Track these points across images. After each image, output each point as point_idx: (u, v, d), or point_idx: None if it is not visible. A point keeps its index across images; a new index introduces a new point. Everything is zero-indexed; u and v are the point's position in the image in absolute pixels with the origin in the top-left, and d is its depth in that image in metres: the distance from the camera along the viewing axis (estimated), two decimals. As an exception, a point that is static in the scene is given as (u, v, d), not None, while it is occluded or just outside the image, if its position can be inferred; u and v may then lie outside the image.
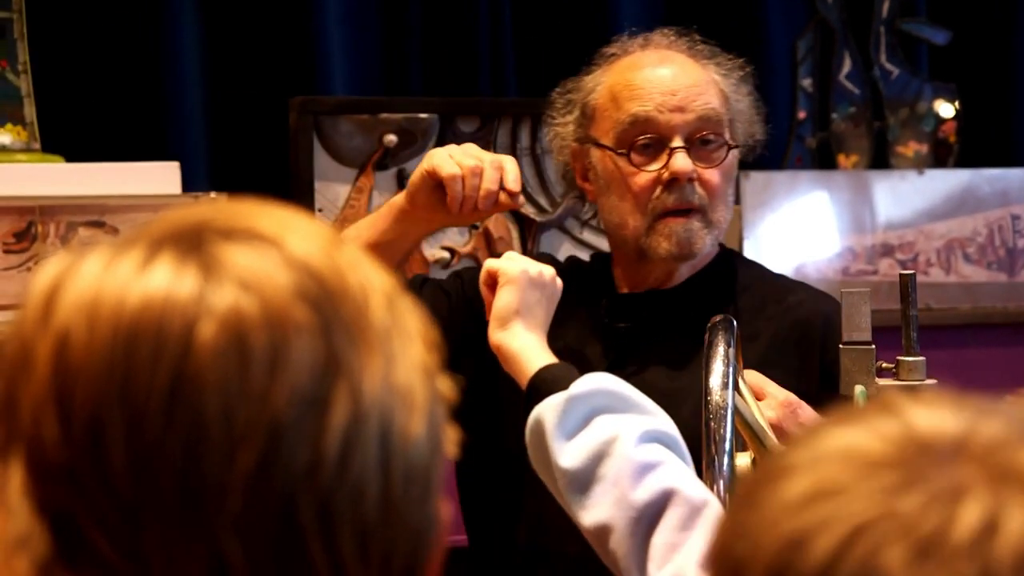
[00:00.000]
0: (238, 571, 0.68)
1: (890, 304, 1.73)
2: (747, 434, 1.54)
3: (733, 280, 1.93)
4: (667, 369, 1.82)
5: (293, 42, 2.96)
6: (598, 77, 1.92)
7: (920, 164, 3.29)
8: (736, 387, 1.48)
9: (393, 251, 1.85)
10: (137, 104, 2.87)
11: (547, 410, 1.35)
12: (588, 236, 2.89)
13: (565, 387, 1.36)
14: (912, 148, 3.32)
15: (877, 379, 1.58)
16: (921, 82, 3.35)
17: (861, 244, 3.11)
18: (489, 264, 1.61)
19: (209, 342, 0.68)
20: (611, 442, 1.29)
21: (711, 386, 1.45)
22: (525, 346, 1.48)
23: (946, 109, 3.34)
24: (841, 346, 1.58)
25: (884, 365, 1.59)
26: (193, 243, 0.71)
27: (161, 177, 2.63)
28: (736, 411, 1.46)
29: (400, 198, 1.86)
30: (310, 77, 2.95)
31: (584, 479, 1.29)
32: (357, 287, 0.71)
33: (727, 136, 1.87)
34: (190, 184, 2.71)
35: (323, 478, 0.68)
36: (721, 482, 1.39)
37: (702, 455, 1.41)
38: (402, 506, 0.70)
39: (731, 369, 1.47)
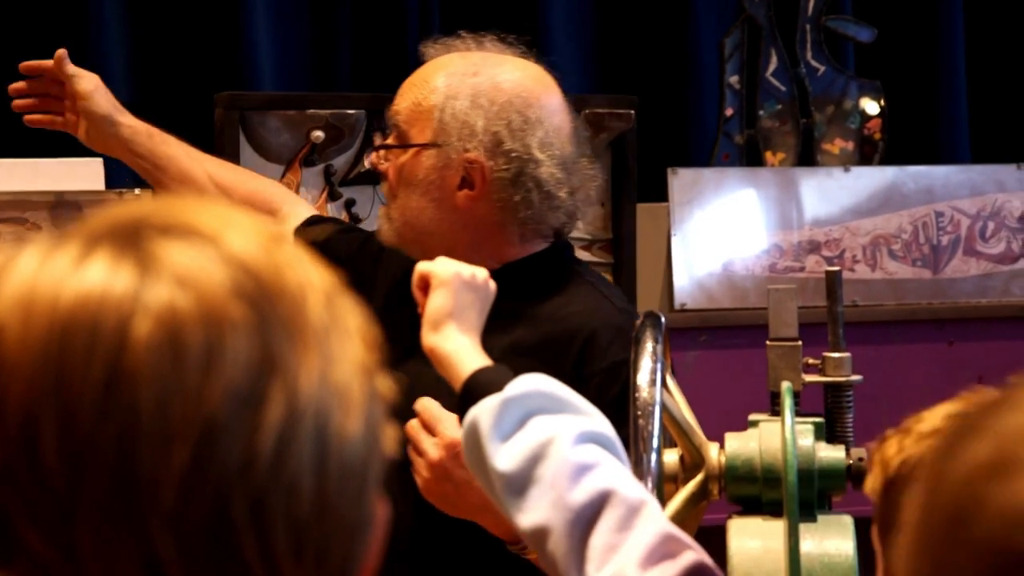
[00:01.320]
0: (171, 567, 0.68)
1: (816, 300, 1.75)
2: (675, 431, 1.55)
3: (528, 283, 1.88)
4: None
5: (219, 37, 2.94)
6: None
7: (846, 161, 3.32)
8: (664, 384, 1.48)
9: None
10: (61, 99, 2.83)
11: (482, 412, 1.35)
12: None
13: (500, 389, 1.36)
14: (838, 145, 3.35)
15: (803, 375, 1.59)
16: (847, 79, 3.38)
17: (788, 241, 3.13)
18: (421, 267, 1.61)
19: (144, 338, 0.68)
20: (547, 444, 1.29)
21: (638, 383, 1.45)
22: (459, 348, 1.47)
23: (872, 106, 3.37)
24: (768, 343, 1.58)
25: (810, 361, 1.60)
26: (130, 239, 0.71)
27: (84, 173, 2.60)
28: (664, 408, 1.46)
29: None
30: (236, 72, 2.93)
31: (521, 481, 1.29)
32: (295, 285, 0.71)
33: (405, 139, 1.89)
34: (114, 180, 2.69)
35: (257, 475, 0.68)
36: (649, 479, 1.39)
37: (628, 452, 1.42)
38: (337, 504, 0.70)
39: (658, 366, 1.47)
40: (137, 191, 2.63)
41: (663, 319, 1.55)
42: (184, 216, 0.72)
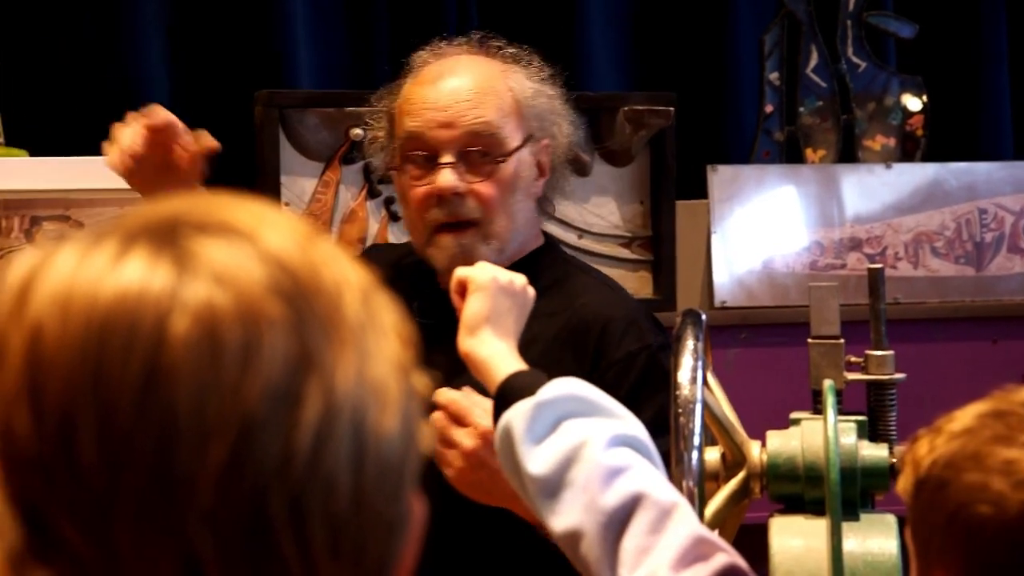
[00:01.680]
0: (208, 564, 0.68)
1: (858, 298, 1.74)
2: (716, 429, 1.54)
3: (539, 278, 1.86)
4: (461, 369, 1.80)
5: (258, 35, 2.94)
6: (401, 87, 1.96)
7: (888, 158, 3.30)
8: (705, 381, 1.47)
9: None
10: (101, 97, 2.85)
11: (516, 416, 1.35)
12: (554, 229, 2.88)
13: (533, 393, 1.36)
14: (879, 142, 3.33)
15: (846, 373, 1.57)
16: (888, 75, 3.36)
17: (829, 238, 3.11)
18: (460, 272, 1.61)
19: (182, 336, 0.68)
20: (580, 447, 1.29)
21: (680, 381, 1.44)
22: (494, 353, 1.48)
23: (913, 103, 3.35)
24: (810, 340, 1.57)
25: (853, 359, 1.59)
26: (167, 237, 0.71)
27: (126, 171, 2.61)
28: (705, 406, 1.45)
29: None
30: (276, 70, 2.93)
31: (553, 485, 1.29)
32: (331, 282, 0.71)
33: (506, 147, 1.86)
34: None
35: (295, 472, 0.68)
36: (691, 478, 1.39)
37: (670, 451, 1.41)
38: (374, 501, 0.70)
39: (699, 363, 1.46)
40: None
41: (703, 317, 1.54)
42: (221, 213, 0.72)
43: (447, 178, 1.84)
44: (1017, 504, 1.00)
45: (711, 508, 1.49)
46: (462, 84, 1.89)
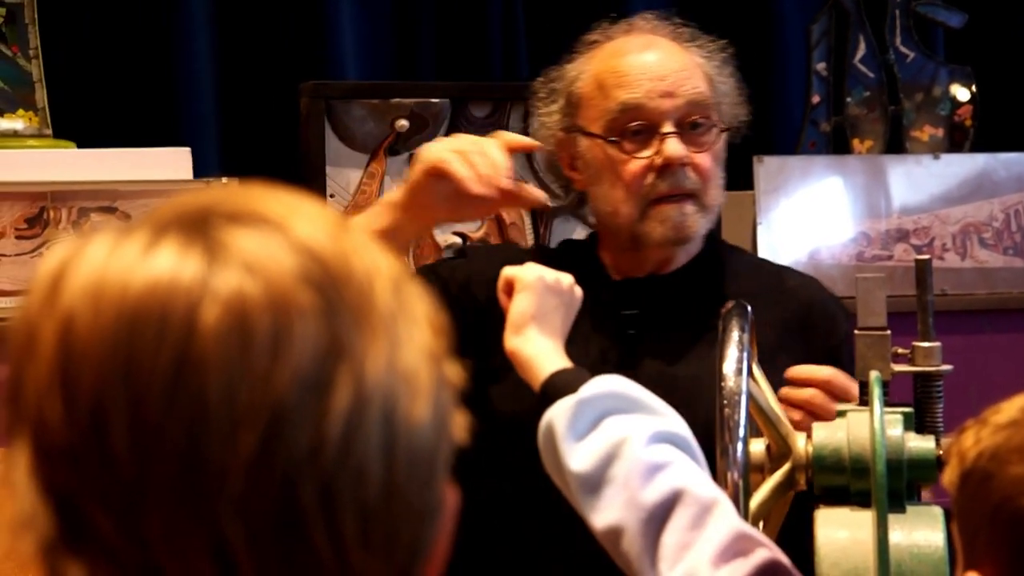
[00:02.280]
0: (240, 553, 0.68)
1: (905, 289, 1.72)
2: (761, 420, 1.53)
3: (726, 265, 1.93)
4: (680, 356, 1.81)
5: (304, 26, 2.95)
6: (582, 65, 1.91)
7: (935, 148, 3.27)
8: (750, 373, 1.47)
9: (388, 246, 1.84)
10: (148, 89, 2.86)
11: (558, 414, 1.35)
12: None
13: (575, 390, 1.36)
14: (927, 132, 3.31)
15: (893, 365, 1.56)
16: (936, 65, 3.33)
17: (876, 229, 3.09)
18: (507, 272, 1.61)
19: (212, 325, 0.68)
20: (620, 444, 1.29)
21: (725, 372, 1.44)
22: (539, 352, 1.48)
23: (962, 93, 3.32)
24: (856, 332, 1.56)
25: (899, 351, 1.58)
26: (198, 227, 0.71)
27: (172, 163, 2.63)
28: (750, 397, 1.45)
29: (397, 195, 1.82)
30: (321, 62, 2.94)
31: (594, 481, 1.29)
32: (362, 271, 0.71)
33: (715, 119, 1.86)
34: (201, 170, 2.71)
35: (325, 461, 0.68)
36: (736, 469, 1.38)
37: (716, 442, 1.40)
38: (405, 490, 0.70)
39: (745, 355, 1.46)
40: (224, 180, 2.65)
41: (749, 308, 1.53)
42: (251, 204, 0.72)
43: (676, 148, 1.82)
44: None
45: (756, 500, 1.49)
46: (671, 55, 1.87)
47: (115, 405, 0.68)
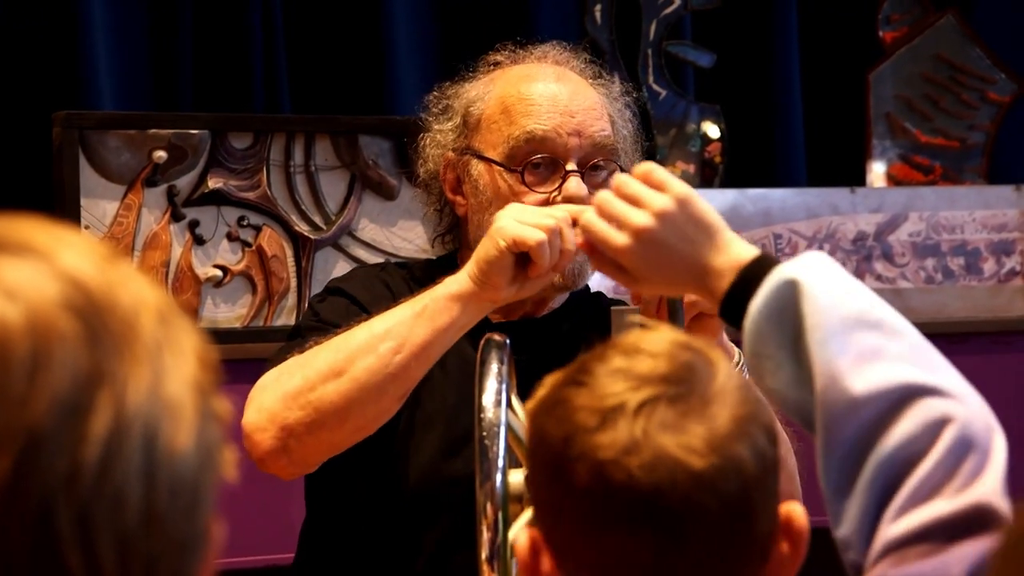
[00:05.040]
0: None
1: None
2: (520, 451, 1.56)
3: (592, 303, 1.91)
4: None
5: (57, 54, 2.89)
6: (485, 86, 1.84)
7: (688, 183, 3.37)
8: (509, 404, 1.49)
9: (442, 349, 1.68)
10: None
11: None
12: (361, 253, 2.89)
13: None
14: (680, 168, 3.41)
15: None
16: (688, 103, 3.44)
17: (631, 262, 3.17)
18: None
19: None
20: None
21: (484, 404, 1.46)
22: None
23: (712, 130, 3.43)
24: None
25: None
26: None
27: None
28: (509, 428, 1.47)
29: (462, 284, 1.68)
30: (75, 90, 2.88)
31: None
32: (128, 302, 0.72)
33: (615, 163, 1.80)
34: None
35: (82, 486, 0.68)
36: (495, 500, 1.40)
37: (475, 472, 1.42)
38: (167, 518, 0.70)
39: (504, 386, 1.48)
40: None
41: (507, 341, 1.56)
42: (18, 234, 0.72)
43: (579, 188, 1.75)
44: (560, 440, 1.02)
45: (515, 529, 1.51)
46: (582, 92, 1.81)
47: None
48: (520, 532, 1.08)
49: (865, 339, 1.14)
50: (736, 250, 1.33)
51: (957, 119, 3.65)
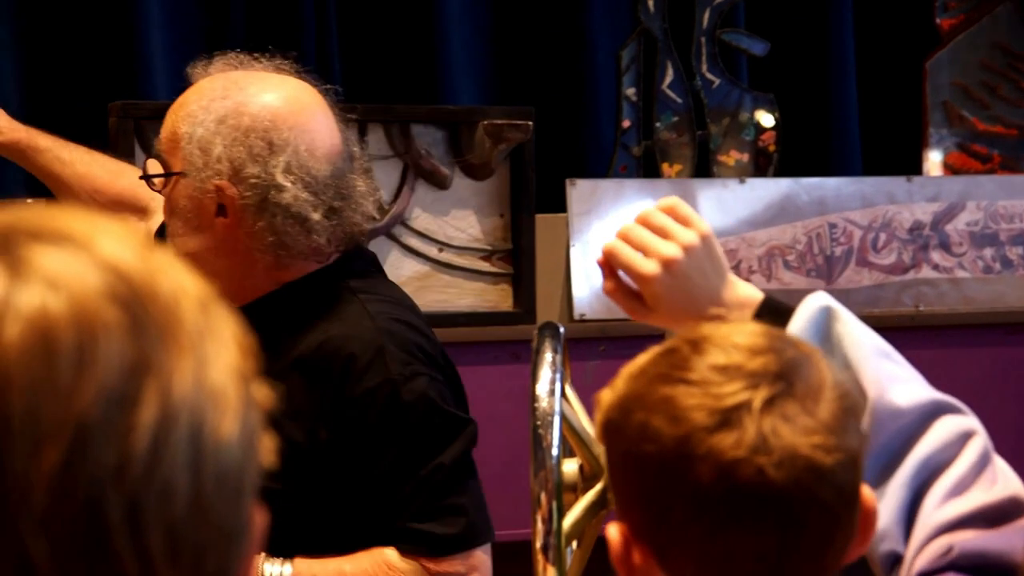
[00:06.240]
0: (44, 570, 0.67)
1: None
2: (574, 441, 1.55)
3: (294, 309, 1.86)
4: None
5: (114, 45, 2.91)
6: None
7: (741, 173, 3.36)
8: (563, 394, 1.48)
9: None
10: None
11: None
12: (414, 242, 2.89)
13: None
14: (734, 157, 3.39)
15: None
16: (742, 92, 3.42)
17: (684, 251, 3.16)
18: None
19: (15, 341, 0.68)
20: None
21: (538, 393, 1.45)
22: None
23: (766, 119, 3.41)
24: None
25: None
26: (1, 245, 0.70)
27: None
28: (563, 418, 1.47)
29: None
30: (131, 81, 2.90)
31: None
32: (168, 290, 0.72)
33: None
34: (7, 189, 2.65)
35: (131, 476, 0.68)
36: (549, 489, 1.40)
37: (529, 462, 1.42)
38: (214, 507, 0.70)
39: (558, 376, 1.47)
40: (29, 200, 2.59)
41: (562, 329, 1.55)
42: (56, 222, 0.72)
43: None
44: (673, 440, 1.03)
45: (569, 519, 1.51)
46: (178, 99, 1.92)
47: None
48: (610, 527, 1.09)
49: (887, 363, 1.32)
50: (744, 288, 1.44)
51: (1015, 107, 3.61)
